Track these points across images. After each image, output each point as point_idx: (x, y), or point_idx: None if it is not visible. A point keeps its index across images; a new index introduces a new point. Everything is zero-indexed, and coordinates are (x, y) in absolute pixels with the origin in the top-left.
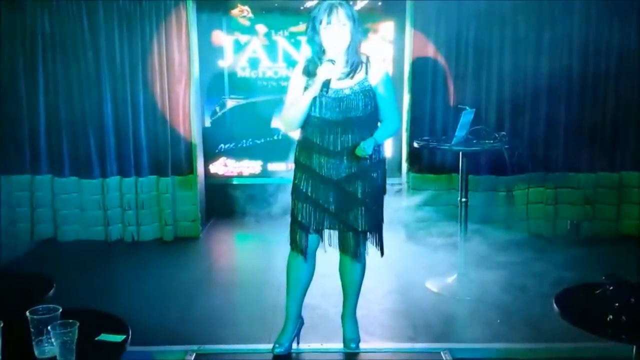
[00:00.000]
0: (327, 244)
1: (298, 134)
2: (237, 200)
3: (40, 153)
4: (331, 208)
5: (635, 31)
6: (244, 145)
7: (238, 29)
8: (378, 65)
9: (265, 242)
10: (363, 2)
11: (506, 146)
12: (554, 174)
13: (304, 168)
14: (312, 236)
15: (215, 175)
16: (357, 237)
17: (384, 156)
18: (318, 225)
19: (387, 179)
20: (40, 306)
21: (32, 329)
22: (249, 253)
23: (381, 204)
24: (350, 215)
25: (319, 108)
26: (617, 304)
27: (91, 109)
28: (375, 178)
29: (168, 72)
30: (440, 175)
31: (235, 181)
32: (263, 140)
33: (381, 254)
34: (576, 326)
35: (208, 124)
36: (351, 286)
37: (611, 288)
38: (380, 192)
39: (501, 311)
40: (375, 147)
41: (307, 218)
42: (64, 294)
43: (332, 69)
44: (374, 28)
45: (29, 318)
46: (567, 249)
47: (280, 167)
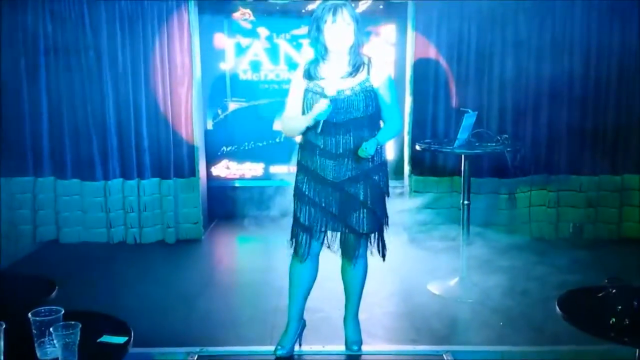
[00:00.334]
0: (329, 246)
1: (300, 136)
2: (239, 202)
3: (42, 155)
4: (333, 210)
5: (638, 34)
6: (246, 147)
7: (240, 32)
8: (380, 66)
9: (267, 245)
10: (365, 5)
11: (508, 149)
12: (556, 177)
13: (306, 170)
14: (314, 239)
15: (218, 177)
16: (359, 240)
17: (385, 158)
18: (320, 228)
19: (389, 182)
20: (43, 308)
21: (35, 331)
22: (251, 255)
23: (383, 206)
24: (352, 218)
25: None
26: (620, 307)
27: (93, 111)
28: (377, 180)
29: (170, 75)
30: (443, 178)
31: (237, 183)
32: (265, 142)
33: (383, 258)
34: (579, 329)
35: (210, 126)
36: (353, 289)
37: (614, 291)
38: (382, 195)
39: (503, 314)
40: (378, 149)
41: (310, 220)
42: (66, 296)
43: (326, 107)
44: (375, 31)
45: (32, 320)
46: (570, 252)
47: (282, 170)
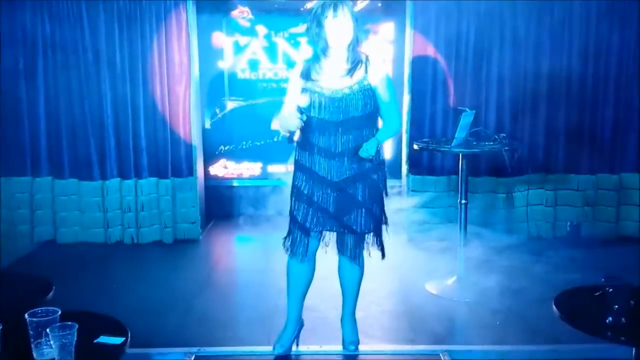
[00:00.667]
0: (327, 245)
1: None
2: (237, 202)
3: (40, 155)
4: (331, 209)
5: (636, 33)
6: (244, 147)
7: (238, 30)
8: (378, 65)
9: (265, 244)
10: (363, 3)
11: (506, 148)
12: (553, 176)
13: (304, 169)
14: (312, 238)
15: (215, 177)
16: (357, 239)
17: (383, 158)
18: (318, 227)
19: (387, 181)
20: (40, 308)
21: (31, 332)
22: (248, 255)
23: (382, 206)
24: (350, 217)
25: (318, 109)
26: (617, 306)
27: (91, 111)
28: (376, 179)
29: (168, 74)
30: (440, 177)
31: (235, 183)
32: (263, 142)
33: (382, 256)
34: (576, 328)
35: (208, 125)
36: (350, 288)
37: (611, 290)
38: (381, 194)
39: (501, 313)
40: (377, 148)
41: (307, 219)
42: (63, 296)
43: (298, 122)
44: (374, 29)
45: (28, 320)
46: (567, 251)
47: (280, 169)
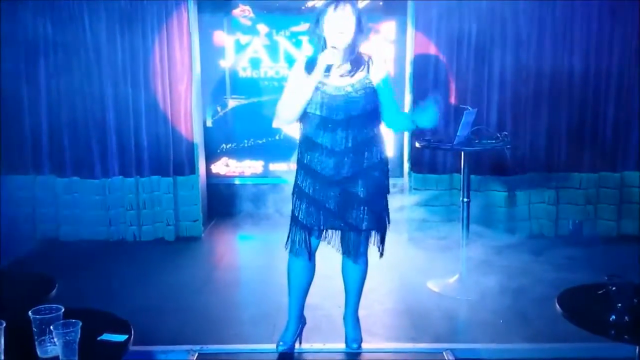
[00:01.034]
0: (329, 244)
1: (299, 133)
2: (239, 200)
3: (42, 153)
4: (333, 208)
5: (637, 31)
6: (246, 145)
7: (239, 29)
8: (379, 64)
9: (267, 242)
10: (365, 2)
11: (508, 146)
12: (555, 174)
13: (305, 168)
14: (314, 236)
15: (217, 175)
16: (360, 237)
17: (385, 156)
18: (320, 225)
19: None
20: (43, 306)
21: (35, 329)
22: (250, 253)
23: (385, 203)
24: (353, 215)
25: (320, 106)
26: (620, 305)
27: (93, 109)
28: (378, 177)
29: (170, 72)
30: (442, 176)
31: (237, 181)
32: (265, 140)
33: (380, 255)
34: (579, 327)
35: (210, 124)
36: (353, 286)
37: (614, 288)
38: (384, 192)
39: (503, 311)
40: (378, 146)
41: (309, 218)
42: (66, 294)
43: (335, 54)
44: (375, 28)
45: (32, 318)
46: (569, 249)
47: (282, 167)
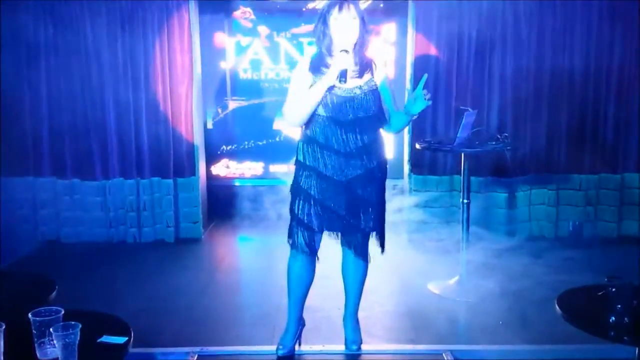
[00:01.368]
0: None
1: (300, 133)
2: (239, 201)
3: (42, 155)
4: (337, 209)
5: (637, 30)
6: (246, 146)
7: (240, 31)
8: (380, 66)
9: (267, 244)
10: (365, 4)
11: (508, 147)
12: (556, 176)
13: (308, 168)
14: (317, 237)
15: (217, 176)
16: (363, 238)
17: (385, 157)
18: (322, 226)
19: (389, 181)
20: (43, 308)
21: (35, 331)
22: (251, 255)
23: (385, 204)
24: (357, 216)
25: (328, 107)
26: (620, 306)
27: (93, 111)
28: (380, 178)
29: (170, 74)
30: (442, 177)
31: (237, 183)
32: (265, 141)
33: (382, 251)
34: (578, 328)
35: (210, 125)
36: (354, 287)
37: (614, 290)
38: (384, 193)
39: (503, 313)
40: (382, 149)
41: (312, 219)
42: (66, 296)
43: (347, 58)
44: (376, 30)
45: (32, 320)
46: (569, 251)
47: (282, 169)
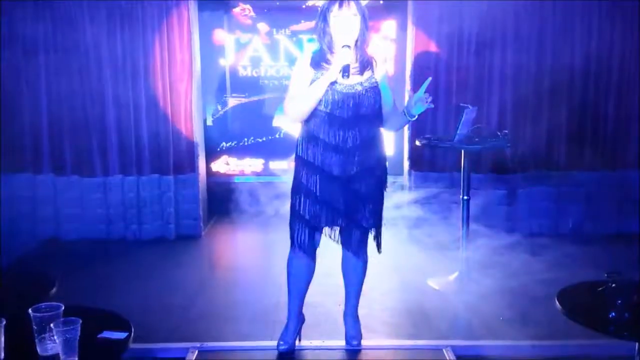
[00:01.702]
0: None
1: (300, 129)
2: (239, 198)
3: (42, 152)
4: (337, 205)
5: (638, 29)
6: (246, 143)
7: (239, 28)
8: (381, 63)
9: (267, 240)
10: (365, 1)
11: (508, 144)
12: (555, 173)
13: (308, 165)
14: (317, 233)
15: (217, 173)
16: (362, 234)
17: (385, 154)
18: (322, 223)
19: (389, 177)
20: (43, 304)
21: (35, 327)
22: (251, 251)
23: (383, 201)
24: (357, 213)
25: (329, 104)
26: (620, 302)
27: (93, 108)
28: (380, 175)
29: (170, 71)
30: (442, 174)
31: (237, 180)
32: (265, 138)
33: (379, 251)
34: (579, 324)
35: (210, 122)
36: (354, 283)
37: (613, 286)
38: (383, 190)
39: (503, 309)
40: (382, 145)
41: (312, 215)
42: (66, 292)
43: (349, 54)
44: (375, 27)
45: (32, 316)
46: (569, 247)
47: (282, 166)
